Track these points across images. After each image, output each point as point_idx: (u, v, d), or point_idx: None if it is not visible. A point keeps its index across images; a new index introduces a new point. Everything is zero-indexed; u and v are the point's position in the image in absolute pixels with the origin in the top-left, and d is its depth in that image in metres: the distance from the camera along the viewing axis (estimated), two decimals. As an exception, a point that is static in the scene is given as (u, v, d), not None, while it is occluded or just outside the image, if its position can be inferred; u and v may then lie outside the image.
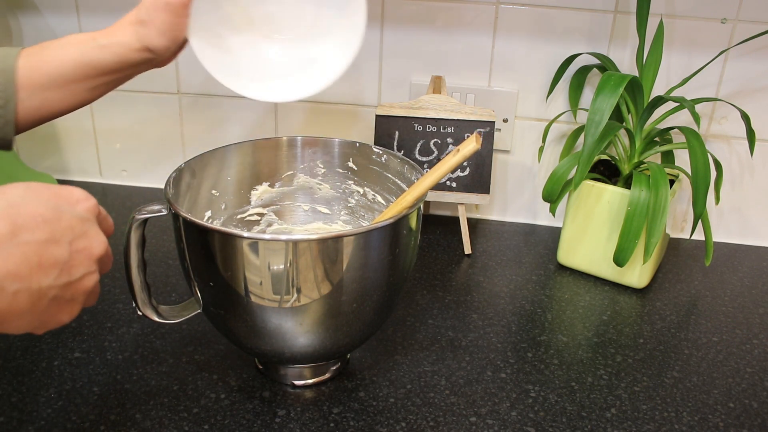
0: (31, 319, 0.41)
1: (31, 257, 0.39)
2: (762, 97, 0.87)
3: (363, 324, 0.59)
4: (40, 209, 0.41)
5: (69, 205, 0.43)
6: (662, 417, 0.62)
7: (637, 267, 0.80)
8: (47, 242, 0.40)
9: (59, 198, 0.43)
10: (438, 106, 0.86)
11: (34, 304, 0.40)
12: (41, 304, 0.41)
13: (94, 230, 0.44)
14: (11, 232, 0.39)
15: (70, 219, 0.42)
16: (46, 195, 0.42)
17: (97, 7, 0.94)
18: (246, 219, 0.71)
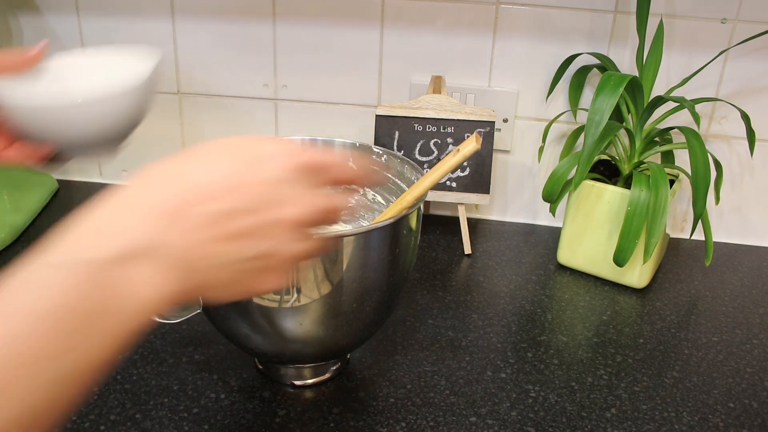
0: (237, 289, 0.38)
1: (216, 231, 0.36)
2: (762, 97, 0.87)
3: (363, 324, 0.59)
4: (224, 176, 0.36)
5: (258, 167, 0.37)
6: (662, 417, 0.62)
7: (637, 267, 0.80)
8: (233, 213, 0.36)
9: (249, 160, 0.38)
10: (438, 106, 0.86)
11: (233, 278, 0.37)
12: (240, 276, 0.38)
13: (292, 192, 0.38)
14: (189, 201, 0.35)
15: (258, 185, 0.37)
16: (233, 157, 0.38)
17: (97, 7, 0.94)
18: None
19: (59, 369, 0.31)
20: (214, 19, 0.93)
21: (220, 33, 0.94)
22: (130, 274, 0.33)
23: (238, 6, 0.92)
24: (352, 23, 0.91)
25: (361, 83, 0.94)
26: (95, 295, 0.32)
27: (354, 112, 0.97)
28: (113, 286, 0.33)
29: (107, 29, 0.95)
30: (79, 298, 0.31)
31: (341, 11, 0.90)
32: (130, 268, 0.33)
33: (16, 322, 0.30)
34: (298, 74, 0.95)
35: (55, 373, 0.30)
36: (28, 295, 0.31)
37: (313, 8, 0.91)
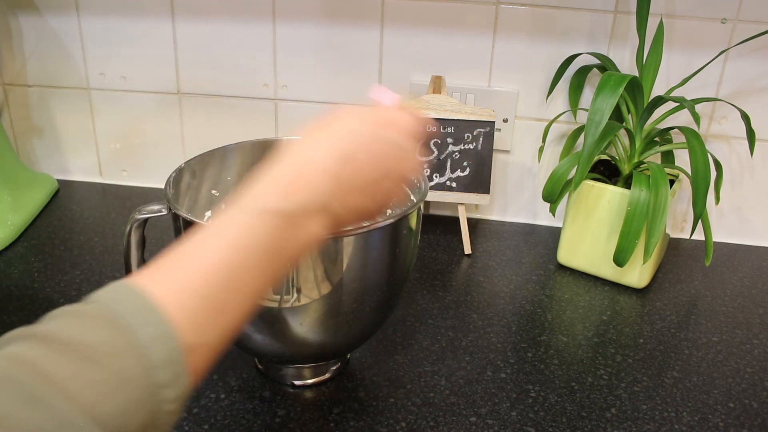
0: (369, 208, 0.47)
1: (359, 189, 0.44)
2: (762, 97, 0.87)
3: (363, 324, 0.59)
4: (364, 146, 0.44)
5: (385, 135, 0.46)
6: (662, 417, 0.62)
7: (637, 267, 0.80)
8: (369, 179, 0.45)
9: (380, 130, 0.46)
10: (438, 106, 0.86)
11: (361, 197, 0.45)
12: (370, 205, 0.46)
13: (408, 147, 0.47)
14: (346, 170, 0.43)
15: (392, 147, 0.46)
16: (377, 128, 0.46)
17: (97, 7, 0.94)
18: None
19: (252, 289, 0.39)
20: (214, 19, 0.93)
21: (220, 33, 0.94)
22: (308, 224, 0.42)
23: (238, 6, 0.92)
24: (352, 23, 0.91)
25: (361, 83, 0.94)
26: (283, 236, 0.40)
27: (354, 112, 0.96)
28: (296, 231, 0.41)
29: (107, 29, 0.95)
30: (273, 238, 0.40)
31: (341, 11, 0.90)
32: (310, 220, 0.42)
33: (228, 253, 0.38)
34: (298, 74, 0.95)
35: (250, 291, 0.39)
36: (237, 232, 0.39)
37: (313, 8, 0.91)
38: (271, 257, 0.40)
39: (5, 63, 0.99)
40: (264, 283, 0.40)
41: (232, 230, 0.39)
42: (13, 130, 1.03)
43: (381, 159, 0.45)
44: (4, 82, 1.00)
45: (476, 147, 0.86)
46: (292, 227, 0.41)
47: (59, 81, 0.99)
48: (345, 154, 0.44)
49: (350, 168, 0.44)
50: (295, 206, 0.41)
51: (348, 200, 0.44)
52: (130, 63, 0.97)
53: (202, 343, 0.36)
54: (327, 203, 0.42)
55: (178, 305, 0.35)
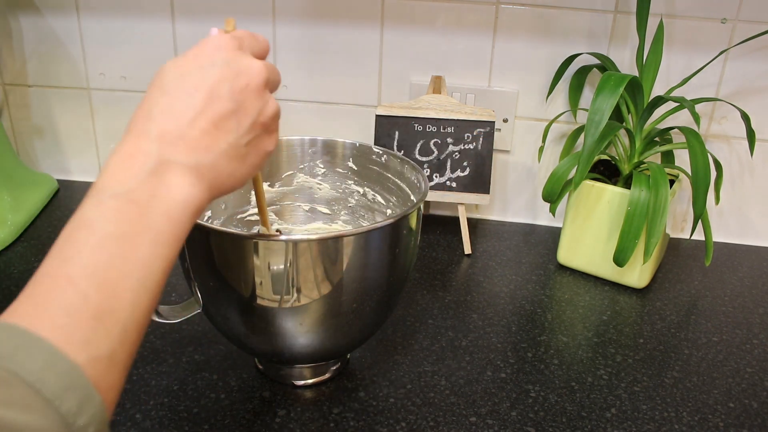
0: (244, 169, 0.44)
1: (204, 126, 0.41)
2: (762, 97, 0.87)
3: (363, 324, 0.59)
4: (187, 82, 0.41)
5: (208, 60, 0.43)
6: (662, 417, 0.62)
7: (637, 267, 0.80)
8: (208, 105, 0.41)
9: (197, 59, 0.43)
10: (438, 106, 0.86)
11: (237, 157, 0.43)
12: (240, 154, 0.43)
13: (243, 63, 0.43)
14: (174, 116, 0.40)
15: (218, 69, 0.42)
16: (185, 67, 0.42)
17: (97, 7, 0.94)
18: (246, 219, 0.71)
19: (141, 279, 0.37)
20: (214, 19, 0.93)
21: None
22: (163, 183, 0.39)
23: (238, 6, 0.92)
24: (352, 23, 0.91)
25: (361, 83, 0.94)
26: (147, 210, 0.38)
27: (354, 112, 0.97)
28: (156, 196, 0.38)
29: (107, 29, 0.95)
30: (140, 215, 0.38)
31: (341, 11, 0.90)
32: (160, 179, 0.39)
33: (89, 253, 0.35)
34: (298, 74, 0.95)
35: (139, 283, 0.37)
36: (93, 227, 0.36)
37: (313, 8, 0.91)
38: (140, 240, 0.37)
39: (5, 63, 0.99)
40: (145, 270, 0.37)
41: (87, 227, 0.37)
42: (13, 130, 1.03)
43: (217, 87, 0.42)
44: (4, 82, 1.00)
45: (476, 147, 0.86)
46: (147, 201, 0.38)
47: (59, 81, 0.99)
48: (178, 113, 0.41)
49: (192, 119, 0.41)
50: (135, 181, 0.38)
51: (205, 142, 0.41)
52: (130, 63, 0.97)
53: (97, 356, 0.33)
54: (169, 158, 0.39)
55: (53, 325, 0.33)
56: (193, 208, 0.40)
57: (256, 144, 0.44)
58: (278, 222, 0.73)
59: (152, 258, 0.38)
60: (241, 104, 0.42)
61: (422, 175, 0.62)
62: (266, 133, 0.45)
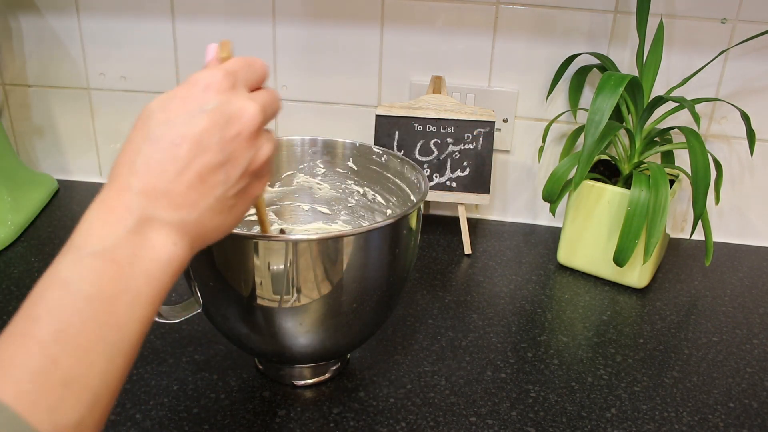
0: (230, 220, 0.41)
1: (190, 180, 0.38)
2: (762, 97, 0.87)
3: (363, 324, 0.59)
4: (174, 132, 0.38)
5: (197, 104, 0.39)
6: (662, 417, 0.62)
7: (637, 267, 0.80)
8: (195, 158, 0.38)
9: (186, 103, 0.40)
10: (438, 106, 0.86)
11: (223, 210, 0.40)
12: (227, 206, 0.40)
13: (235, 107, 0.40)
14: (159, 170, 0.38)
15: (207, 116, 0.39)
16: (172, 112, 0.40)
17: (97, 7, 0.94)
18: (246, 219, 0.71)
19: (116, 342, 0.35)
20: (214, 19, 0.93)
21: (220, 33, 0.94)
22: (145, 242, 0.37)
23: (238, 6, 0.92)
24: (352, 23, 0.91)
25: (361, 83, 0.94)
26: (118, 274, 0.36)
27: (354, 112, 0.97)
28: (137, 255, 0.37)
29: (107, 29, 0.95)
30: (106, 280, 0.35)
31: (341, 11, 0.90)
32: (142, 238, 0.37)
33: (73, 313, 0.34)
34: (298, 74, 0.95)
35: (114, 347, 0.35)
36: (74, 287, 0.34)
37: (313, 8, 0.91)
38: (117, 302, 0.35)
39: (5, 63, 0.99)
40: (121, 333, 0.35)
41: (62, 286, 0.34)
42: (13, 130, 1.03)
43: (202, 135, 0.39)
44: (4, 82, 1.00)
45: (476, 147, 0.86)
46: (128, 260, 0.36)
47: (59, 81, 0.99)
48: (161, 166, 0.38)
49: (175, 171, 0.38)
50: (115, 239, 0.36)
51: (191, 197, 0.38)
52: (130, 63, 0.97)
53: (64, 424, 0.32)
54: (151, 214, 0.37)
55: (18, 391, 0.31)
56: (176, 266, 0.38)
57: (245, 192, 0.42)
58: (278, 222, 0.73)
59: (129, 320, 0.36)
60: (231, 155, 0.39)
61: (422, 175, 0.62)
62: (256, 178, 0.42)
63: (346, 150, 0.70)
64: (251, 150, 0.40)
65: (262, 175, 0.43)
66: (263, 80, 0.44)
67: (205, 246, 0.41)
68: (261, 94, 0.42)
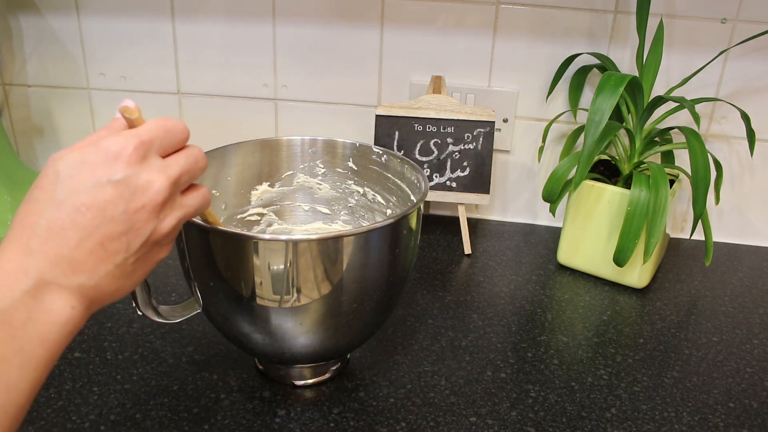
0: (129, 283, 0.42)
1: (91, 247, 0.38)
2: (762, 97, 0.87)
3: (363, 324, 0.59)
4: (80, 197, 0.38)
5: (107, 171, 0.39)
6: (662, 417, 0.62)
7: (637, 267, 0.80)
8: (98, 227, 0.38)
9: (94, 170, 0.39)
10: (438, 106, 0.86)
11: (122, 276, 0.41)
12: (127, 272, 0.41)
13: (142, 180, 0.40)
14: (61, 235, 0.38)
15: (113, 188, 0.39)
16: (80, 175, 0.39)
17: (97, 7, 0.94)
18: (246, 219, 0.71)
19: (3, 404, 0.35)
20: (214, 19, 0.93)
21: (220, 33, 0.94)
22: (41, 305, 0.37)
23: (238, 6, 0.92)
24: (352, 23, 0.91)
25: (361, 83, 0.94)
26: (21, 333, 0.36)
27: (354, 112, 0.97)
28: (32, 318, 0.37)
29: (107, 29, 0.95)
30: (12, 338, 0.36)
31: (341, 11, 0.90)
32: (38, 301, 0.37)
33: None
34: (298, 74, 0.95)
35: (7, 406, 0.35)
36: None
37: (313, 8, 0.91)
38: (8, 364, 0.35)
39: (5, 63, 0.99)
40: (10, 394, 0.36)
41: None
42: (13, 130, 1.03)
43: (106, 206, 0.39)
44: (4, 82, 1.00)
45: (476, 147, 0.86)
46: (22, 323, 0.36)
47: (59, 81, 0.99)
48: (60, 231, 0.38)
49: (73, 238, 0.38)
50: (10, 301, 0.36)
51: (89, 264, 0.39)
52: (130, 63, 0.97)
53: None
54: (52, 280, 0.38)
55: None
56: (71, 328, 0.39)
57: (146, 258, 0.42)
58: (278, 222, 0.73)
59: (19, 381, 0.36)
60: (133, 226, 0.40)
61: (422, 175, 0.62)
62: (159, 246, 0.43)
63: (346, 150, 0.70)
64: (154, 222, 0.41)
65: (164, 244, 0.43)
66: (183, 142, 0.43)
67: (101, 307, 0.42)
68: (177, 161, 0.42)
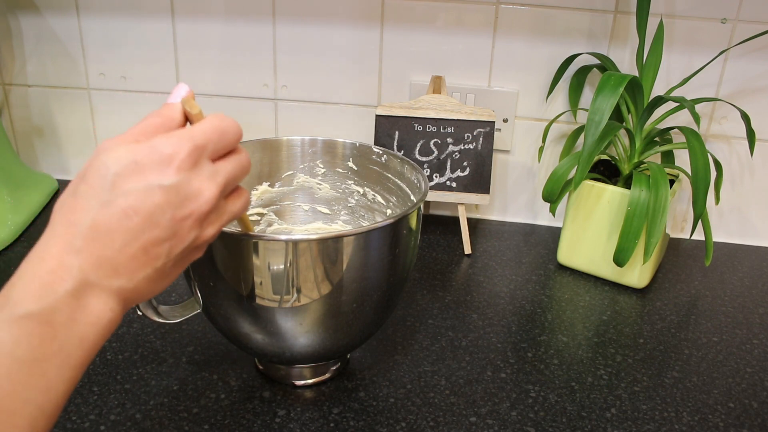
0: (165, 284, 0.42)
1: (134, 252, 0.38)
2: (762, 97, 0.87)
3: (363, 324, 0.59)
4: (131, 200, 0.38)
5: (158, 174, 0.39)
6: (662, 417, 0.62)
7: (637, 267, 0.80)
8: (143, 231, 0.38)
9: (146, 171, 0.39)
10: (438, 106, 0.86)
11: (160, 279, 0.41)
12: (165, 274, 0.41)
13: (193, 188, 0.40)
14: (106, 237, 0.38)
15: (163, 193, 0.39)
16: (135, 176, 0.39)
17: (97, 7, 0.94)
18: (246, 219, 0.71)
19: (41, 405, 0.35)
20: (214, 19, 0.93)
21: (220, 33, 0.94)
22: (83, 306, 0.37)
23: (238, 6, 0.92)
24: (352, 23, 0.91)
25: (361, 83, 0.94)
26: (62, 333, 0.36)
27: (354, 112, 0.97)
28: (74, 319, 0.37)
29: (107, 29, 0.95)
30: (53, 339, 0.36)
31: (341, 11, 0.90)
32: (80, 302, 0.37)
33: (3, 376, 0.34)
34: (298, 74, 0.95)
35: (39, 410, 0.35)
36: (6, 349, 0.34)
37: (313, 8, 0.91)
38: (48, 365, 0.35)
39: (5, 63, 0.99)
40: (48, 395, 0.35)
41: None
42: (13, 130, 1.03)
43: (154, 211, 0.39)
44: (4, 82, 1.00)
45: (476, 147, 0.86)
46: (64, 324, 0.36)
47: (59, 81, 0.99)
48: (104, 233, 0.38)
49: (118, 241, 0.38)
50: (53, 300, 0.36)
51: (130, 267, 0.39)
52: (130, 63, 0.97)
53: None
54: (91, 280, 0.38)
55: None
56: (109, 329, 0.39)
57: (183, 262, 0.42)
58: (278, 222, 0.73)
59: (58, 382, 0.36)
60: (177, 232, 0.40)
61: (422, 175, 0.62)
62: (197, 250, 0.43)
63: (346, 150, 0.70)
64: (197, 230, 0.41)
65: (201, 248, 0.44)
66: (235, 144, 0.44)
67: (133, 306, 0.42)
68: (226, 167, 0.42)
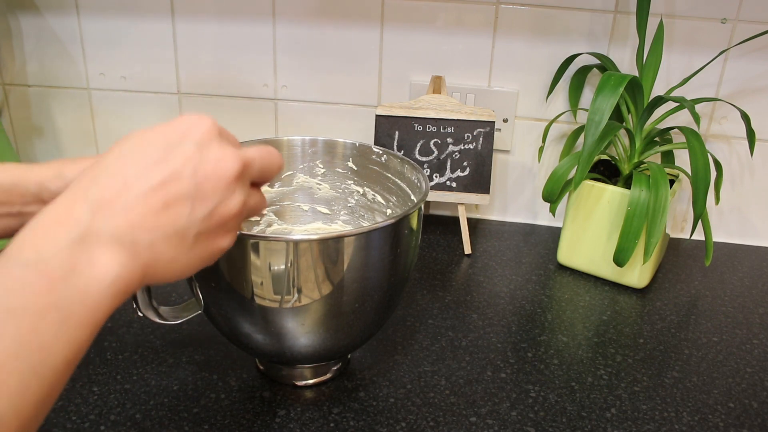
0: (187, 260, 0.39)
1: (154, 203, 0.36)
2: (762, 97, 0.87)
3: (364, 324, 0.59)
4: (149, 153, 0.37)
5: (180, 137, 0.38)
6: (662, 417, 0.62)
7: (637, 267, 0.80)
8: (165, 182, 0.37)
9: (167, 134, 0.38)
10: (438, 106, 0.86)
11: (180, 245, 0.38)
12: (186, 244, 0.38)
13: (216, 151, 0.39)
14: (124, 184, 0.36)
15: (185, 150, 0.38)
16: (152, 138, 0.38)
17: (97, 7, 0.94)
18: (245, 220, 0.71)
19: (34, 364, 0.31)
20: (214, 19, 0.93)
21: (220, 33, 0.94)
22: (87, 256, 0.34)
23: (238, 6, 0.92)
24: (352, 23, 0.91)
25: (361, 83, 0.94)
26: (60, 285, 0.33)
27: (354, 112, 0.97)
28: (74, 270, 0.33)
29: (107, 29, 0.95)
30: (50, 290, 0.32)
31: (341, 11, 0.90)
32: (85, 252, 0.34)
33: None
34: (298, 74, 0.95)
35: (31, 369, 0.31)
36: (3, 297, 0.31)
37: (313, 8, 0.91)
38: (43, 319, 0.32)
39: (5, 63, 0.99)
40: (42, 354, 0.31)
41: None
42: (13, 130, 1.03)
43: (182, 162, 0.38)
44: (4, 82, 1.00)
45: (476, 147, 0.86)
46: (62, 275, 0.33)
47: (59, 81, 0.99)
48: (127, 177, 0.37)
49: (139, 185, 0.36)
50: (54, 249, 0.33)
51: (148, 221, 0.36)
52: (130, 63, 0.97)
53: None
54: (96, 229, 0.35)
55: None
56: (119, 289, 0.35)
57: (208, 238, 0.40)
58: (278, 222, 0.73)
59: (55, 341, 0.32)
60: (201, 190, 0.38)
61: (422, 175, 0.62)
62: (223, 229, 0.41)
63: (346, 150, 0.70)
64: (223, 194, 0.39)
65: (229, 228, 0.41)
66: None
67: (158, 281, 0.38)
68: (251, 149, 0.42)
